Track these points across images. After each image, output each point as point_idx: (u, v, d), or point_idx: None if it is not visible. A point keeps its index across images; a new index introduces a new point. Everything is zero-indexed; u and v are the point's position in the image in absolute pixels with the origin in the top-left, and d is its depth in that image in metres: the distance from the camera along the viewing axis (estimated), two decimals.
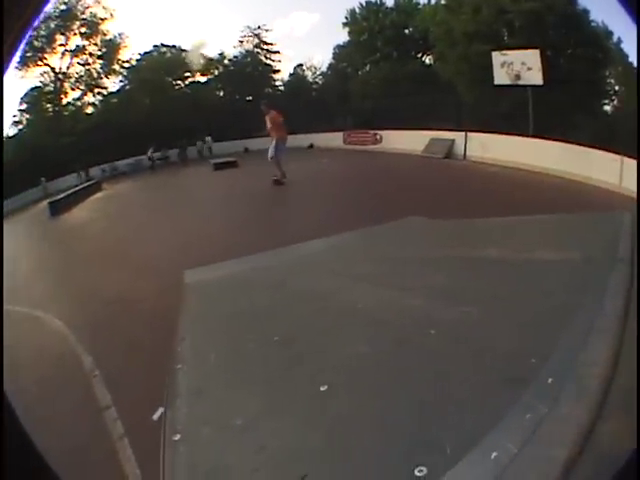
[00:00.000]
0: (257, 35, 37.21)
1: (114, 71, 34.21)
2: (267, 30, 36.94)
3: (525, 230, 3.61)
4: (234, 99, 36.66)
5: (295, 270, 2.98)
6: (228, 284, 2.84)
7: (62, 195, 16.31)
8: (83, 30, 32.28)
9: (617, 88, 33.76)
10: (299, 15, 63.40)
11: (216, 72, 37.49)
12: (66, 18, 31.01)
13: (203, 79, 37.73)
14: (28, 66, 30.36)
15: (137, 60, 35.14)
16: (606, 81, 28.51)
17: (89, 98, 34.21)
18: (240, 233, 5.83)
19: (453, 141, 16.85)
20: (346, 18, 33.91)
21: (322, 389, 1.43)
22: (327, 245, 3.44)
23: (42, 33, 30.17)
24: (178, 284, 3.35)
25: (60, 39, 31.54)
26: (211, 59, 37.45)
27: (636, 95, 25.45)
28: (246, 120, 30.97)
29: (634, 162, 11.36)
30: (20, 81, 30.20)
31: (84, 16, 32.07)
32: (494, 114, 19.77)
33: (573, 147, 12.97)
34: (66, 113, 32.70)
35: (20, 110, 31.46)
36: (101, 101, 34.44)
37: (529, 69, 17.27)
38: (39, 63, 30.92)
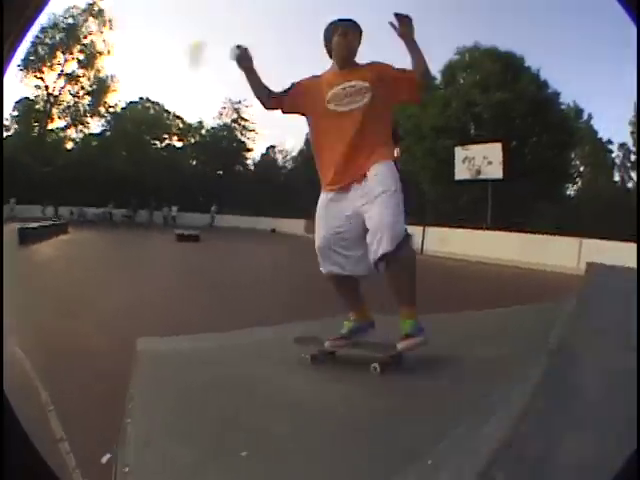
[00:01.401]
0: (237, 109, 38.23)
1: (99, 112, 34.65)
2: (247, 106, 37.56)
3: (466, 325, 3.76)
4: (205, 170, 37.09)
5: (238, 355, 3.13)
6: (179, 357, 3.01)
7: (33, 225, 15.80)
8: (81, 57, 32.87)
9: (582, 169, 35.33)
10: None
11: (192, 140, 38.20)
12: (69, 35, 31.52)
13: (179, 144, 38.46)
14: (28, 72, 30.61)
15: (122, 108, 35.78)
16: (570, 164, 29.60)
17: (72, 132, 34.57)
18: (194, 309, 5.54)
19: (411, 236, 16.97)
20: None
21: (243, 454, 1.65)
22: (275, 333, 3.63)
23: (47, 41, 30.69)
24: (131, 347, 3.28)
25: (59, 57, 32.01)
26: (190, 125, 38.35)
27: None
28: (214, 194, 31.69)
29: (593, 241, 11.70)
30: (18, 85, 30.59)
31: (85, 41, 32.64)
32: (455, 208, 20.19)
33: (530, 236, 13.35)
34: (49, 140, 32.86)
35: (11, 116, 31.63)
36: (82, 139, 34.70)
37: (490, 163, 17.86)
38: (37, 75, 31.23)
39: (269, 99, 2.56)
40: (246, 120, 38.35)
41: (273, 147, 41.20)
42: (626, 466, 1.01)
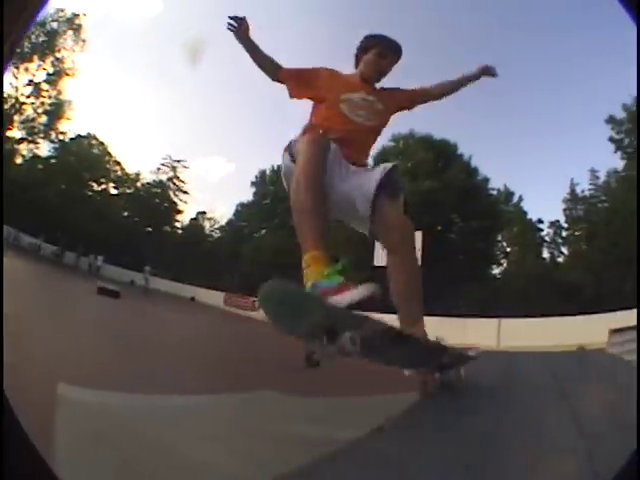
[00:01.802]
0: (174, 168, 38.50)
1: (50, 137, 33.64)
2: (185, 167, 38.36)
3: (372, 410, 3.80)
4: (135, 224, 36.56)
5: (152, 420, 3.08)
6: (102, 412, 2.93)
7: None
8: (51, 70, 31.94)
9: (509, 250, 37.09)
10: (218, 160, 66.22)
11: (127, 191, 37.70)
12: (49, 42, 30.64)
13: (114, 191, 37.79)
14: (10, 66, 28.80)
15: (71, 139, 34.88)
16: (495, 247, 31.12)
17: (23, 147, 33.19)
18: (110, 366, 5.36)
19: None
20: (256, 177, 35.75)
21: None
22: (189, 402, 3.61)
23: (33, 40, 29.54)
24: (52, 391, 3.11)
25: (36, 61, 30.91)
26: (127, 174, 37.99)
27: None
28: (138, 251, 31.29)
29: (512, 320, 12.23)
30: None
31: (58, 55, 31.81)
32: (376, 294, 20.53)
33: (449, 319, 13.63)
34: (6, 147, 30.92)
35: None
36: (30, 159, 33.50)
37: None
38: (14, 72, 29.68)
39: (278, 69, 2.48)
40: (181, 181, 38.52)
41: (203, 213, 41.39)
42: (626, 466, 1.02)
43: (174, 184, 38.62)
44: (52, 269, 23.52)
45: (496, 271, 33.00)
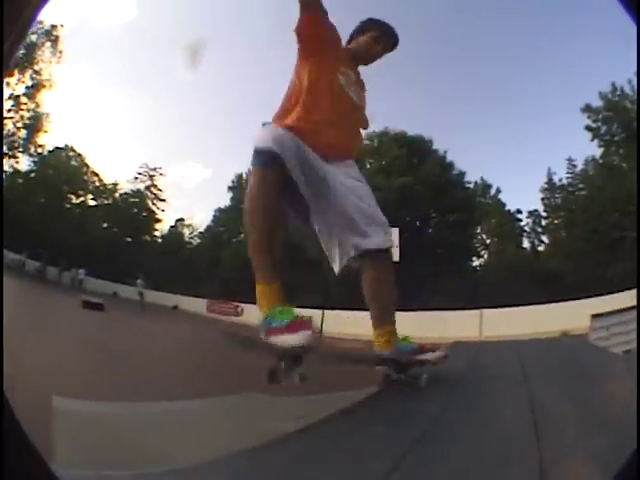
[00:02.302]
0: (151, 177, 38.53)
1: (29, 150, 33.43)
2: (161, 174, 38.34)
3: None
4: (114, 235, 36.29)
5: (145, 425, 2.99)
6: (97, 420, 2.85)
7: None
8: (29, 84, 31.77)
9: (489, 242, 37.47)
10: (194, 166, 65.45)
11: (105, 202, 37.60)
12: (28, 54, 30.38)
13: (93, 203, 37.70)
14: None
15: (49, 151, 34.67)
16: (474, 239, 31.49)
17: (5, 162, 32.45)
18: (99, 377, 5.45)
19: (310, 317, 17.37)
20: (232, 182, 35.92)
21: None
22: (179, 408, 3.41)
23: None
24: (47, 403, 3.20)
25: (16, 75, 30.57)
26: (105, 185, 37.89)
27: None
28: (119, 262, 31.07)
29: (495, 310, 12.40)
30: None
31: (36, 67, 31.57)
32: (355, 291, 20.74)
33: (430, 313, 13.94)
34: None
35: None
36: (11, 175, 32.77)
37: None
38: None
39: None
40: (159, 189, 38.51)
41: (182, 220, 41.51)
42: (626, 466, 1.01)
43: (152, 192, 38.62)
44: (36, 285, 23.32)
45: (476, 263, 33.34)
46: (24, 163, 33.97)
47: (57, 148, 35.64)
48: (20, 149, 32.95)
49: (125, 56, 59.33)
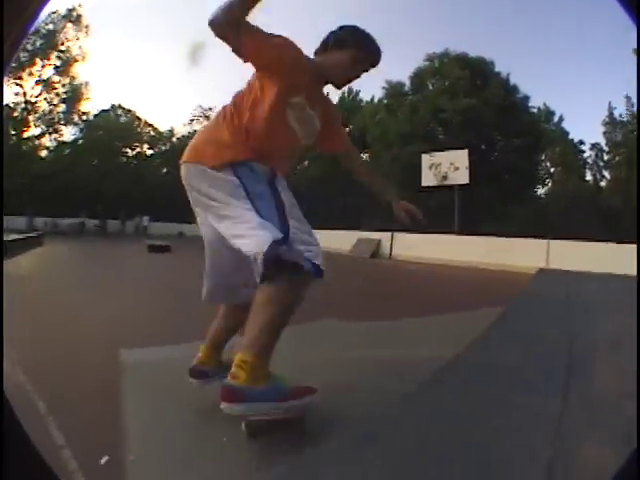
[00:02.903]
0: (207, 117, 37.72)
1: (72, 120, 34.08)
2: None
3: (428, 329, 3.85)
4: (176, 179, 36.51)
5: None
6: (166, 366, 2.98)
7: (10, 238, 15.63)
8: (57, 64, 32.33)
9: (552, 170, 35.90)
10: None
11: (163, 148, 37.80)
12: (48, 42, 31.03)
13: (150, 152, 38.14)
14: (9, 78, 29.57)
15: (95, 115, 35.29)
16: (540, 166, 30.13)
17: (46, 140, 33.92)
18: (171, 319, 5.49)
19: (379, 241, 17.12)
20: None
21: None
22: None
23: (28, 47, 29.99)
24: (114, 359, 3.22)
25: (38, 63, 31.50)
26: (161, 133, 38.15)
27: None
28: (184, 203, 31.17)
29: (561, 242, 11.93)
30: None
31: (62, 47, 32.17)
32: (423, 213, 20.14)
33: (497, 239, 13.42)
34: (24, 148, 32.07)
35: None
36: (55, 148, 34.21)
37: (456, 169, 18.03)
38: (17, 82, 30.60)
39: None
40: None
41: None
42: (626, 466, 1.01)
43: None
44: (97, 239, 24.17)
45: (541, 191, 32.18)
46: (69, 133, 34.76)
47: (103, 111, 36.15)
48: (61, 122, 33.58)
49: (157, 10, 58.57)
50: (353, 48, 1.85)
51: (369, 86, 33.30)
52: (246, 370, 1.59)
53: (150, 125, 38.00)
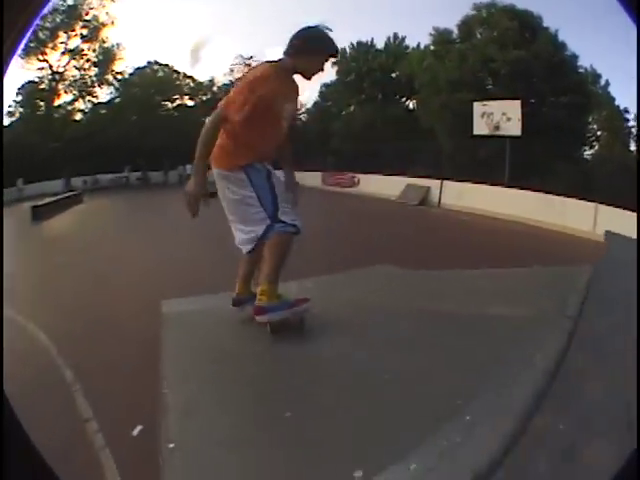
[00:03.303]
0: (248, 65, 37.12)
1: (107, 81, 34.15)
2: (257, 61, 36.89)
3: (486, 283, 3.75)
4: None
5: None
6: (206, 317, 3.21)
7: (45, 201, 16.04)
8: (84, 32, 32.18)
9: (599, 134, 34.66)
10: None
11: (204, 98, 37.31)
12: (70, 15, 30.88)
13: (191, 103, 37.76)
14: (30, 57, 29.90)
15: (130, 74, 35.15)
16: (588, 127, 29.08)
17: (80, 105, 34.11)
18: (217, 269, 5.59)
19: (428, 188, 16.93)
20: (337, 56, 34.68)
21: (287, 415, 1.70)
22: (295, 288, 3.62)
23: (47, 25, 29.92)
24: (156, 311, 3.37)
25: (62, 36, 31.38)
26: (200, 83, 37.66)
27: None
28: None
29: (608, 208, 11.64)
30: (20, 71, 29.63)
31: (87, 17, 31.99)
32: (472, 163, 19.95)
33: (548, 196, 13.19)
34: (56, 115, 32.43)
35: (15, 102, 31.09)
36: (91, 110, 34.32)
37: (509, 119, 17.48)
38: (39, 57, 30.58)
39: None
40: None
41: None
42: (626, 466, 1.04)
43: None
44: (141, 192, 24.35)
45: (588, 153, 30.89)
46: (105, 94, 34.70)
47: (139, 68, 35.78)
48: (95, 84, 33.60)
49: None
50: (322, 52, 2.51)
51: (416, 33, 32.23)
52: (266, 294, 2.48)
53: (189, 77, 37.59)
